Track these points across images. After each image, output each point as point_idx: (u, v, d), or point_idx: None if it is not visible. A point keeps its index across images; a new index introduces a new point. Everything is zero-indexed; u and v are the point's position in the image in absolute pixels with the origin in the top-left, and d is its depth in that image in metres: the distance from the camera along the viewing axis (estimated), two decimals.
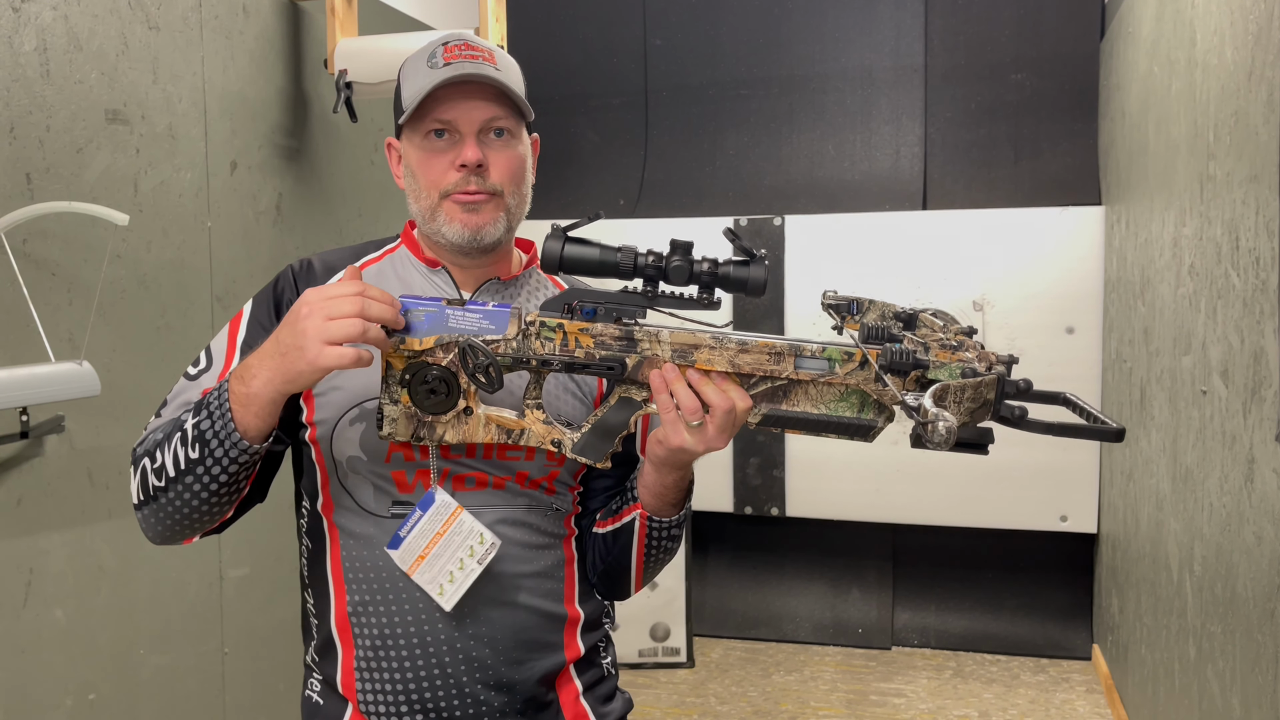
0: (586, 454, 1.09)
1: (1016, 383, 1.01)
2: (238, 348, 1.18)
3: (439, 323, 1.06)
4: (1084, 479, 3.47)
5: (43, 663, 2.09)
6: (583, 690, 1.23)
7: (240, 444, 1.03)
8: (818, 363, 1.03)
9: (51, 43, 2.09)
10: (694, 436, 1.03)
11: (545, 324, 1.06)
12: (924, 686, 3.46)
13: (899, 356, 1.00)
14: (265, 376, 1.01)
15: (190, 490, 1.06)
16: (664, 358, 1.04)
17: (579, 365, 1.06)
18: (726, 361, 1.03)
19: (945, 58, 3.79)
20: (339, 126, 3.02)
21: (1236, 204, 1.84)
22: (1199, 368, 2.12)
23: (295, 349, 0.99)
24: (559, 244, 1.05)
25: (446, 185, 1.14)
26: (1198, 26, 2.17)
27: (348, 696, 1.17)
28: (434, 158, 1.14)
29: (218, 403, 1.04)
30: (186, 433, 1.05)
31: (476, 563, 1.12)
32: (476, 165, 1.13)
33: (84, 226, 2.14)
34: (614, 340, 1.05)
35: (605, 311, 1.06)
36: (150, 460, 1.08)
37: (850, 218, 3.67)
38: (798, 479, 3.73)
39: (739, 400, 1.02)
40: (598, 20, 4.12)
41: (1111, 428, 0.99)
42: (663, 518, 1.18)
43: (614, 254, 1.05)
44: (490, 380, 1.04)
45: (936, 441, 0.90)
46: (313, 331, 0.98)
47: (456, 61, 1.14)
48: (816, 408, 1.04)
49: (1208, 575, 2.04)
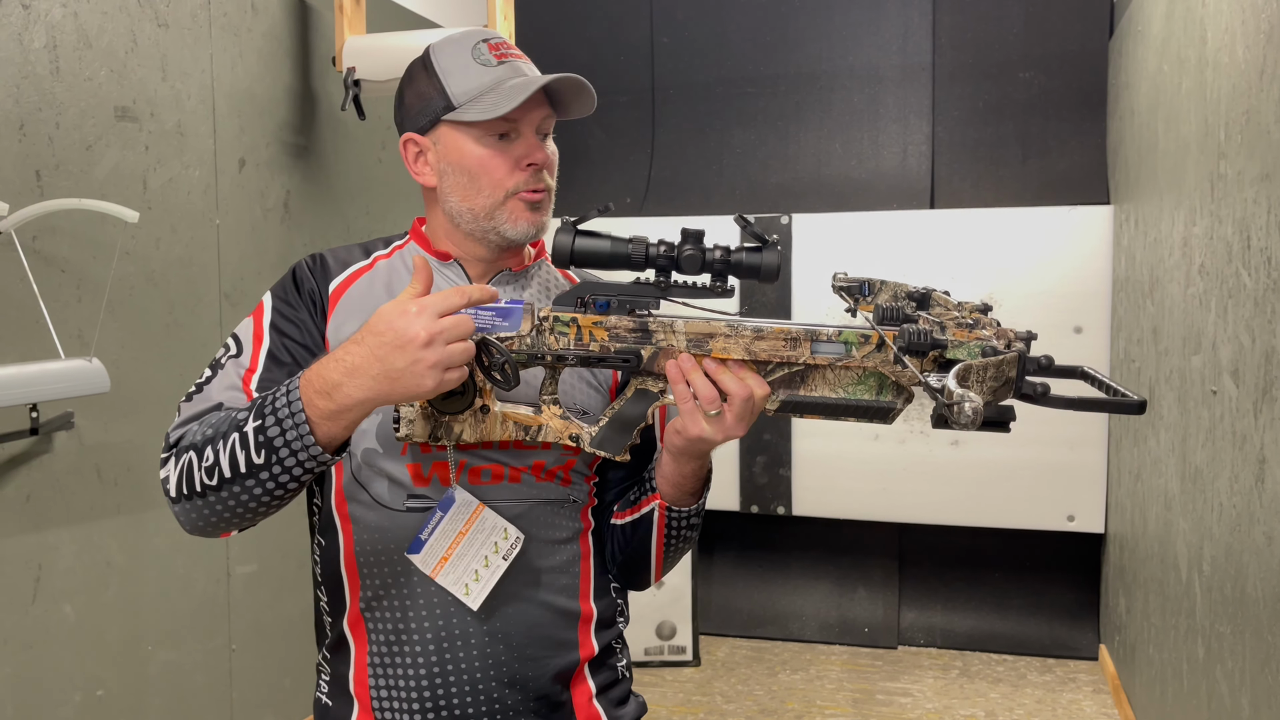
0: (605, 448, 1.09)
1: (1038, 359, 1.00)
2: (265, 331, 1.16)
3: None
4: (1091, 479, 3.46)
5: (51, 658, 2.10)
6: (596, 692, 1.22)
7: (318, 455, 0.99)
8: (834, 347, 1.02)
9: (61, 40, 2.09)
10: (712, 426, 1.03)
11: (559, 319, 1.05)
12: (930, 686, 3.45)
13: (917, 337, 0.99)
14: (363, 395, 0.96)
15: (250, 493, 1.02)
16: (679, 348, 1.04)
17: (594, 359, 1.05)
18: (742, 349, 1.03)
19: (953, 56, 3.78)
20: (347, 124, 3.02)
21: (1248, 203, 1.84)
22: (1209, 367, 2.12)
23: (412, 376, 0.94)
24: (570, 237, 1.05)
25: (514, 184, 1.14)
26: (1209, 25, 2.17)
27: (359, 694, 1.17)
28: (499, 156, 1.14)
29: (288, 410, 0.98)
30: (248, 436, 0.99)
31: (502, 559, 1.11)
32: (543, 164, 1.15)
33: (93, 224, 2.15)
34: (628, 332, 1.05)
35: (618, 304, 1.05)
36: (198, 456, 1.03)
37: (857, 216, 3.67)
38: (804, 478, 3.73)
39: (756, 388, 1.02)
40: (605, 18, 4.12)
41: (1132, 400, 0.98)
42: (681, 507, 1.17)
43: (625, 245, 1.05)
44: (506, 378, 1.03)
45: (963, 422, 0.89)
46: (434, 360, 0.94)
47: (510, 60, 1.15)
48: (835, 392, 1.04)
49: (1217, 575, 2.03)
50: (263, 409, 1.00)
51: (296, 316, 1.17)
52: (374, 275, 1.21)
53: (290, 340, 1.15)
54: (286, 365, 1.14)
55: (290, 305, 1.17)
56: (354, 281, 1.20)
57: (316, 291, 1.18)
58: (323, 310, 1.18)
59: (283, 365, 1.14)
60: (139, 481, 2.30)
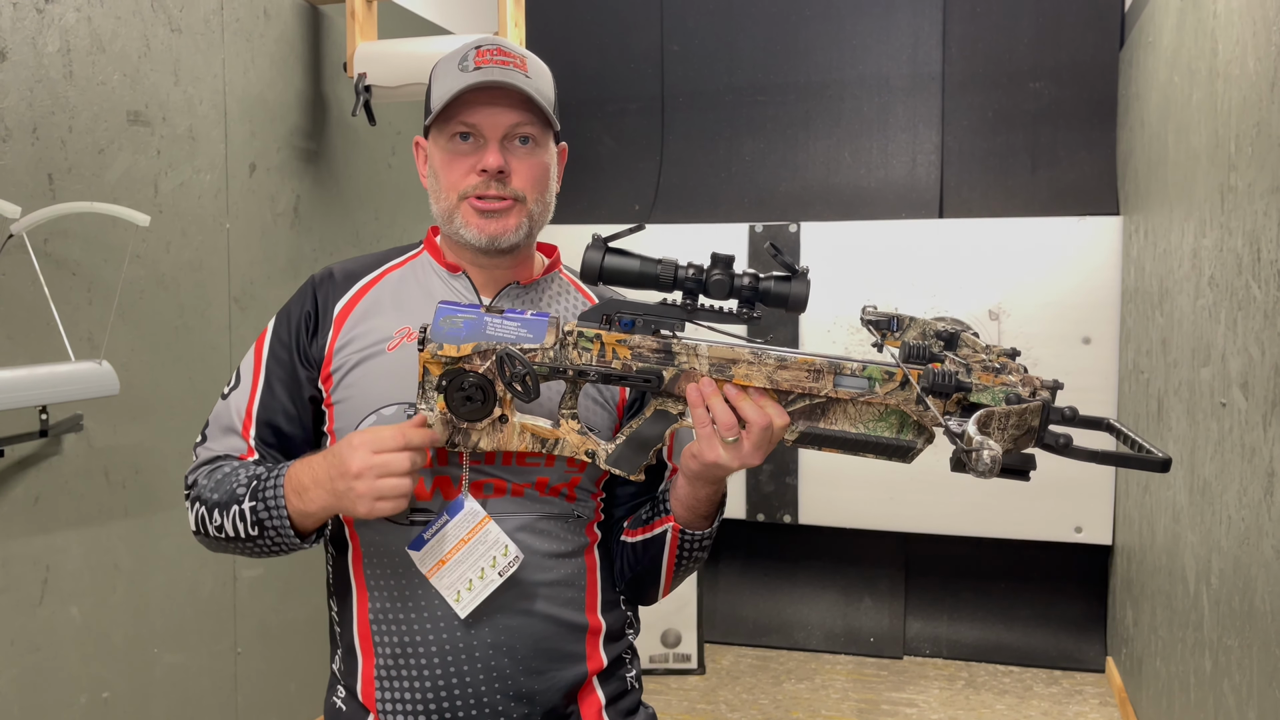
0: (621, 466, 1.08)
1: (1062, 410, 0.99)
2: (263, 365, 1.20)
3: (477, 330, 1.06)
4: (1099, 490, 3.45)
5: (58, 660, 2.11)
6: (606, 703, 1.21)
7: (297, 544, 1.13)
8: (857, 381, 1.01)
9: (75, 44, 2.11)
10: (729, 452, 1.02)
11: (583, 334, 1.05)
12: (936, 697, 3.44)
13: (941, 379, 0.98)
14: (320, 504, 1.08)
15: (254, 551, 1.16)
16: (702, 371, 1.03)
17: (616, 377, 1.05)
18: (765, 377, 1.02)
19: (963, 65, 3.78)
20: (357, 129, 3.03)
21: (1258, 215, 1.83)
22: (1218, 379, 2.11)
23: (348, 499, 1.04)
24: (600, 254, 1.05)
25: (465, 188, 1.15)
26: (1219, 36, 2.16)
27: (368, 706, 1.17)
28: (456, 160, 1.15)
29: (274, 500, 1.10)
30: (245, 513, 1.11)
31: (497, 574, 1.11)
32: (497, 171, 1.13)
33: (105, 227, 2.16)
34: (651, 353, 1.04)
35: (643, 323, 1.05)
36: (208, 514, 1.15)
37: (866, 225, 3.66)
38: (811, 486, 3.72)
39: (776, 417, 1.01)
40: (615, 26, 4.13)
41: (1157, 457, 0.96)
42: (695, 530, 1.17)
43: (654, 266, 1.04)
44: (527, 389, 1.03)
45: (981, 470, 0.88)
46: (364, 491, 1.03)
47: (486, 66, 1.14)
48: (855, 427, 1.03)
49: (1225, 588, 2.02)
50: (257, 491, 1.11)
51: (288, 351, 1.20)
52: (381, 289, 1.21)
53: (284, 371, 1.20)
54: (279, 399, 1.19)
55: (284, 344, 1.21)
56: (362, 297, 1.21)
57: (312, 316, 1.20)
58: (327, 330, 1.19)
59: (275, 397, 1.19)
60: (147, 484, 2.30)
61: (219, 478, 1.15)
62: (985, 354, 1.00)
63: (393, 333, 1.17)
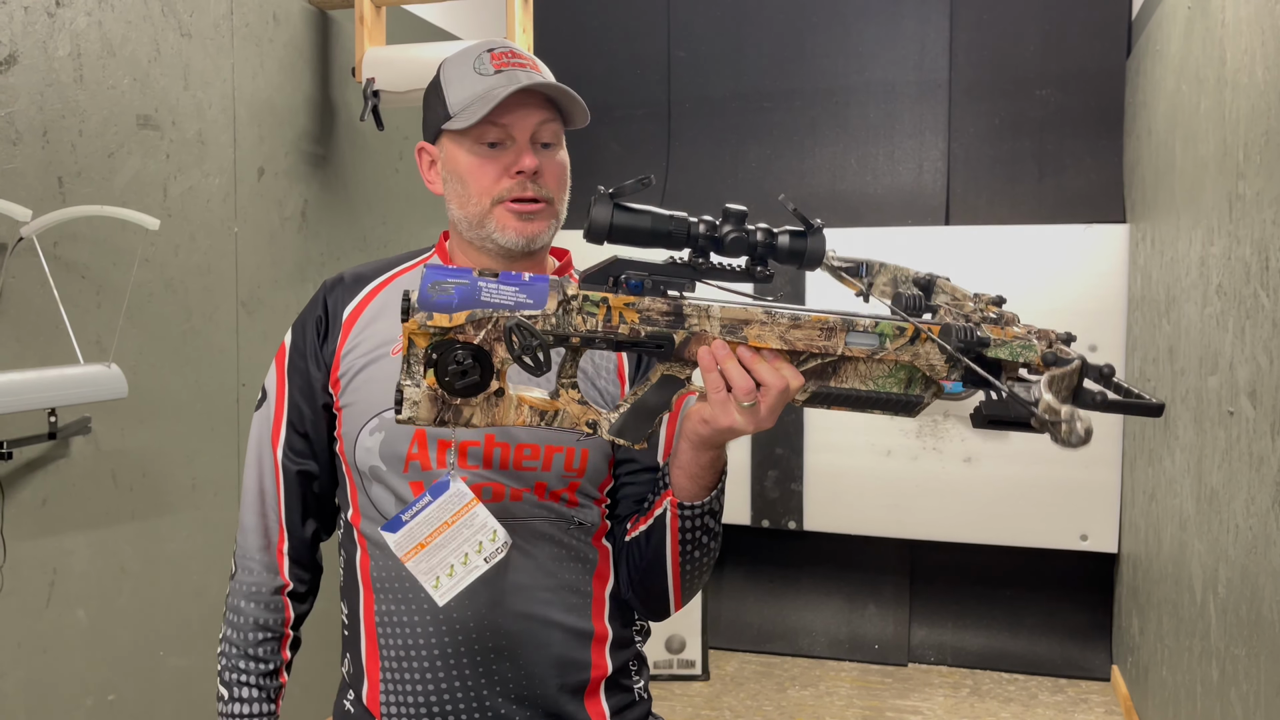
0: (625, 435, 1.01)
1: (1099, 368, 0.94)
2: (285, 376, 1.21)
3: (470, 296, 0.95)
4: (1105, 498, 3.44)
5: (64, 662, 2.11)
6: (611, 714, 1.20)
7: None
8: (869, 339, 0.97)
9: (85, 48, 2.12)
10: (744, 417, 0.97)
11: (588, 298, 0.96)
12: (940, 704, 3.43)
13: (964, 335, 0.94)
14: None
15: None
16: (713, 333, 0.97)
17: (625, 343, 0.97)
18: (777, 337, 0.96)
19: (969, 72, 3.78)
20: (365, 134, 3.04)
21: (1267, 224, 1.83)
22: (1226, 388, 2.10)
23: None
24: (608, 209, 0.97)
25: (499, 191, 1.13)
26: (1228, 45, 2.16)
27: (373, 710, 1.17)
28: (487, 163, 1.13)
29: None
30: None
31: (483, 560, 1.05)
32: (534, 172, 1.13)
33: (114, 230, 2.16)
34: (661, 315, 0.96)
35: (651, 284, 0.97)
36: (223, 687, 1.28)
37: (872, 232, 3.67)
38: (816, 492, 3.72)
39: (792, 379, 0.96)
40: (622, 32, 4.14)
41: (1151, 402, 0.94)
42: (694, 501, 1.10)
43: (667, 222, 0.97)
44: (539, 363, 0.94)
45: (1074, 443, 0.83)
46: None
47: (509, 69, 1.14)
48: (865, 384, 0.98)
49: (1232, 597, 2.02)
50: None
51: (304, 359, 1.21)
52: (389, 293, 1.21)
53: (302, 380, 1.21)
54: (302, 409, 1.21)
55: (302, 353, 1.22)
56: (370, 301, 1.21)
57: (323, 320, 1.21)
58: (336, 334, 1.19)
59: (299, 408, 1.21)
60: (154, 487, 2.31)
61: (227, 679, 1.28)
62: (974, 302, 0.96)
63: (398, 336, 1.16)
